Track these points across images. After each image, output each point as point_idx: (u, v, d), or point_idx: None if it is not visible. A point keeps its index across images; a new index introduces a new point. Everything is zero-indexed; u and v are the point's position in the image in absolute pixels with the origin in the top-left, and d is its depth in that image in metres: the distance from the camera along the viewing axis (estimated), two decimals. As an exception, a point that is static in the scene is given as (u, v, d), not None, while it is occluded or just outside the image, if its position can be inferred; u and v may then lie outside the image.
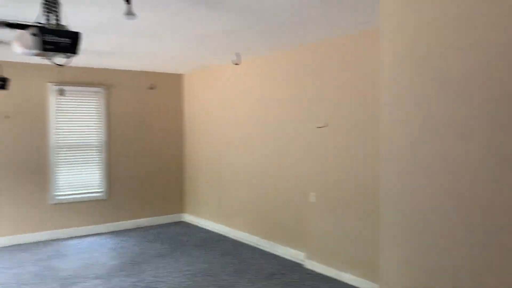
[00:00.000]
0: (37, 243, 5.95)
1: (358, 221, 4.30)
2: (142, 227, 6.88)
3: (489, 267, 1.87)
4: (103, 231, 6.58)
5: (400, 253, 2.26)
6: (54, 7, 2.59)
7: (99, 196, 6.60)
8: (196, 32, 4.18)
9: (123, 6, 3.22)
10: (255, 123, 5.74)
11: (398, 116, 2.25)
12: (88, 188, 6.54)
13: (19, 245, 5.87)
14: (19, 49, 2.62)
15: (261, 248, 5.63)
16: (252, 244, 5.81)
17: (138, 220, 6.94)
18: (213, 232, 6.56)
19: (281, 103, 5.31)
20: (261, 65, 5.62)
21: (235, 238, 6.13)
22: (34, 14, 3.40)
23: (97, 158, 6.59)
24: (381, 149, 2.36)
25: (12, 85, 5.77)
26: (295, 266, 4.92)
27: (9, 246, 5.80)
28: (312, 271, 4.75)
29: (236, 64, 5.86)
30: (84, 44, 4.66)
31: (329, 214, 4.61)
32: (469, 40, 1.93)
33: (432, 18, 2.08)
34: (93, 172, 6.57)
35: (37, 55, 2.62)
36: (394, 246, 2.29)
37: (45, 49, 2.46)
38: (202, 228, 6.81)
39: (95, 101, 6.56)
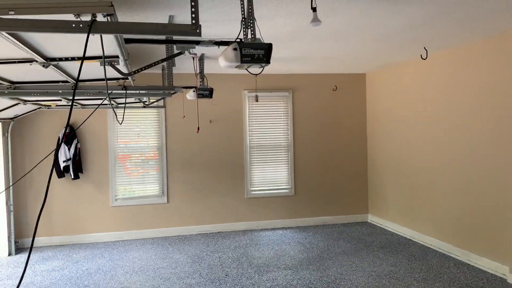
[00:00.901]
0: (235, 232, 6.72)
1: None
2: (326, 225, 7.09)
3: None
4: (291, 225, 7.03)
5: None
6: (250, 23, 2.91)
7: (286, 192, 7.07)
8: (382, 30, 4.12)
9: (309, 14, 3.41)
10: (447, 121, 5.32)
11: None
12: (277, 184, 7.08)
13: (221, 232, 6.73)
14: (223, 63, 3.03)
15: (453, 256, 5.19)
16: (442, 251, 5.40)
17: (322, 217, 7.18)
18: (399, 235, 6.33)
19: (476, 98, 4.80)
20: (452, 58, 5.18)
21: (423, 243, 5.80)
22: (232, 30, 3.89)
23: (285, 157, 7.08)
24: None
25: (215, 93, 6.70)
26: (496, 280, 4.38)
27: (213, 233, 6.70)
28: (517, 288, 4.17)
29: (424, 58, 5.54)
30: (274, 53, 5.08)
31: (540, 224, 3.96)
32: None
33: None
34: (281, 170, 7.08)
35: (236, 67, 2.99)
36: None
37: (243, 61, 2.79)
38: (387, 230, 6.63)
39: (282, 104, 7.06)
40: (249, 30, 2.93)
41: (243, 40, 2.89)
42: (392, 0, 3.17)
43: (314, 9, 2.93)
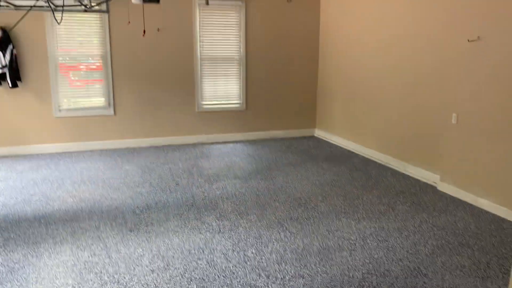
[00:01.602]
0: (186, 145, 6.76)
1: (503, 145, 3.92)
2: (276, 138, 7.28)
3: None
4: (241, 139, 7.15)
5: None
6: None
7: (238, 107, 7.09)
8: None
9: None
10: (395, 37, 5.38)
11: None
12: (229, 99, 7.05)
13: (171, 145, 6.74)
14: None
15: (392, 167, 5.56)
16: (382, 162, 5.76)
17: (272, 131, 7.34)
18: (343, 148, 6.64)
19: (425, 15, 4.84)
20: (407, -29, 5.11)
21: (365, 155, 6.14)
22: None
23: (236, 71, 6.99)
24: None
25: (162, 0, 6.29)
26: (427, 188, 4.79)
27: (164, 146, 6.71)
28: (445, 193, 4.59)
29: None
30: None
31: (471, 136, 4.28)
32: None
33: None
34: (233, 84, 7.02)
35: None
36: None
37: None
38: (332, 144, 6.93)
39: (235, 14, 6.80)
40: None
41: None
42: None
43: None
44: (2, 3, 4.74)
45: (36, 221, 3.80)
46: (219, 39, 6.80)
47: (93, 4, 5.48)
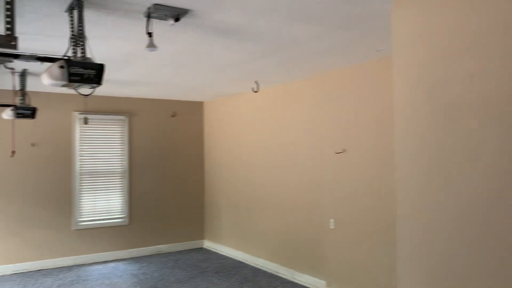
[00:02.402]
0: (60, 269, 6.04)
1: (378, 248, 4.24)
2: (162, 253, 6.92)
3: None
4: (125, 257, 6.65)
5: (418, 282, 2.24)
6: (81, 41, 2.73)
7: (121, 222, 6.70)
8: (216, 61, 4.31)
9: (146, 38, 3.38)
10: (274, 149, 5.79)
11: (410, 144, 2.27)
12: (110, 214, 6.65)
13: (42, 270, 5.97)
14: (47, 81, 2.76)
15: (280, 275, 5.58)
16: (271, 271, 5.76)
17: (159, 246, 6.99)
18: (232, 258, 6.54)
19: (299, 130, 5.36)
20: (279, 92, 5.71)
21: (254, 265, 6.10)
22: (62, 47, 3.60)
23: (120, 184, 6.73)
24: (396, 176, 2.37)
25: (39, 114, 6.03)
26: (315, 294, 4.85)
27: (33, 271, 5.90)
28: (332, 299, 4.68)
29: (255, 91, 5.98)
30: (107, 75, 4.86)
31: (349, 240, 4.57)
32: (478, 69, 1.96)
33: (441, 49, 2.12)
34: (116, 198, 6.70)
35: (63, 86, 2.75)
36: (412, 276, 2.27)
37: (71, 81, 2.59)
38: (221, 255, 6.80)
39: (118, 128, 6.75)
40: (79, 48, 2.75)
41: (71, 58, 2.70)
42: (225, 35, 3.36)
43: (150, 34, 2.91)
44: None
45: None
46: (101, 152, 6.60)
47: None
